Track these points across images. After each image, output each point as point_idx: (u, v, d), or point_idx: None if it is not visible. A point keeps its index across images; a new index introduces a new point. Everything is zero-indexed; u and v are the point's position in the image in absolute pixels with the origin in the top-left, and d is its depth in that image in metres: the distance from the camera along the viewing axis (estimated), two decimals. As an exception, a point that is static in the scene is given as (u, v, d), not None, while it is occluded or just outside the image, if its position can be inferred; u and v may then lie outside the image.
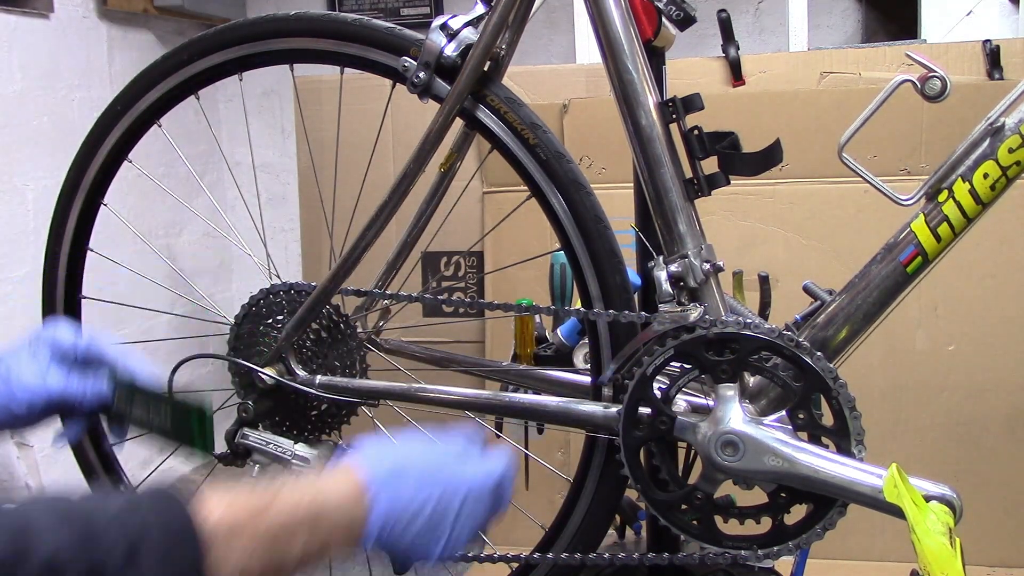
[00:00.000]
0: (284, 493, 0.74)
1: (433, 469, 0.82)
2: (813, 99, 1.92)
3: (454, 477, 0.82)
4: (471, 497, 0.83)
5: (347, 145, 1.56)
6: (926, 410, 1.91)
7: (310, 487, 0.76)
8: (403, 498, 0.79)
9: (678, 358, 1.03)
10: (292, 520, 0.73)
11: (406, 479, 0.80)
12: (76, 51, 2.40)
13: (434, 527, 0.80)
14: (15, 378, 0.93)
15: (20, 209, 2.20)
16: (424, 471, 0.81)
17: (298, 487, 0.75)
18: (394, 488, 0.79)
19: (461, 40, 1.10)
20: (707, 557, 1.04)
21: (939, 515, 0.91)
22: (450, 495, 0.81)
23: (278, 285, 1.21)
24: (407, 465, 0.81)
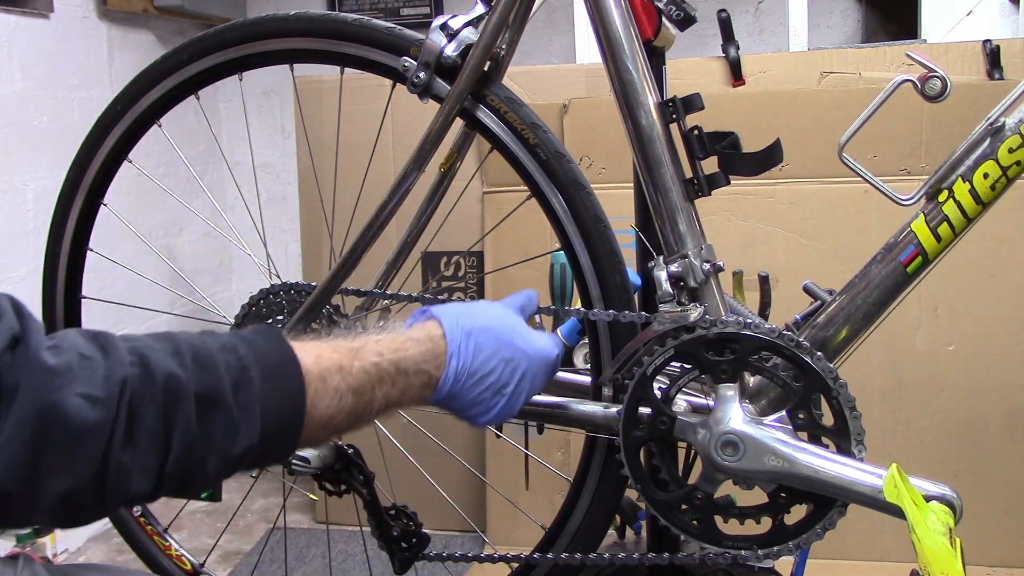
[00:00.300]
0: (370, 347, 0.81)
1: (504, 338, 0.89)
2: (813, 99, 1.92)
3: (519, 350, 0.89)
4: (531, 370, 0.90)
5: (347, 145, 1.56)
6: (926, 410, 1.91)
7: (393, 342, 0.83)
8: (475, 360, 0.86)
9: (678, 358, 1.03)
10: (375, 373, 0.79)
11: (480, 343, 0.87)
12: (76, 51, 2.40)
13: (496, 391, 0.88)
14: None
15: (20, 209, 2.20)
16: (496, 338, 0.88)
17: (382, 342, 0.82)
18: (468, 349, 0.86)
19: (461, 40, 1.10)
20: (707, 557, 1.04)
21: (939, 515, 0.91)
22: (515, 364, 0.89)
23: (278, 285, 1.21)
24: (482, 330, 0.88)
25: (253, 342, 0.73)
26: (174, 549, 1.37)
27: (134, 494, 0.65)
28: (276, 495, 2.53)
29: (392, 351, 0.82)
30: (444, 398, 0.86)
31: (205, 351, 0.69)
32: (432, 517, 0.92)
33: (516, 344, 0.89)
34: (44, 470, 0.60)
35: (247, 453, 0.70)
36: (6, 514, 0.61)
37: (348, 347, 0.80)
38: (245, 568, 2.14)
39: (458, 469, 2.02)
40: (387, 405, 0.82)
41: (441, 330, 0.86)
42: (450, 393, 0.85)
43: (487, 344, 0.87)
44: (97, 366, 0.63)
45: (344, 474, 1.16)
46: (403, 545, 1.13)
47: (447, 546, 2.19)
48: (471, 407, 0.88)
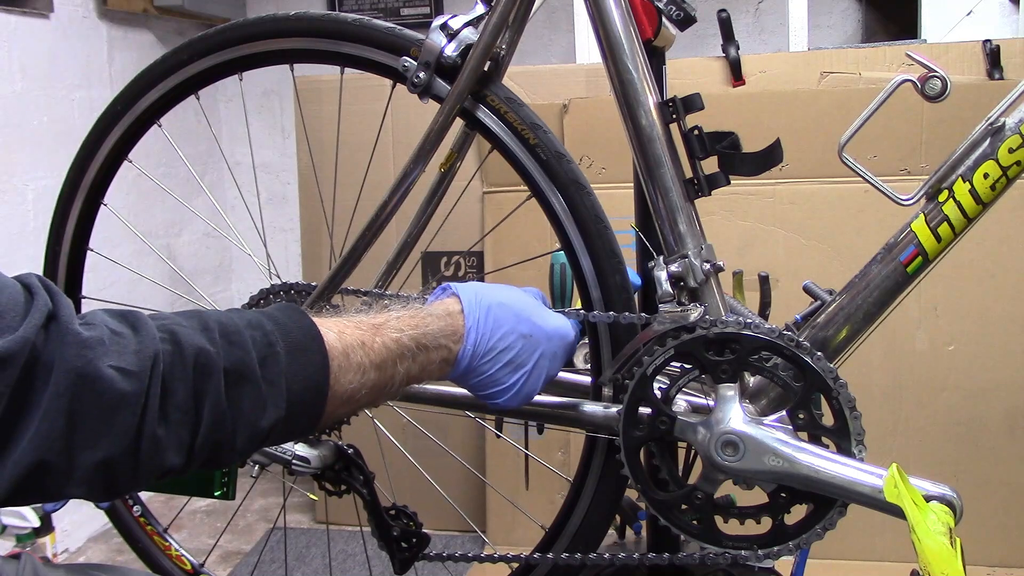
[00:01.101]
0: (390, 323, 0.82)
1: (523, 315, 0.90)
2: (813, 99, 1.92)
3: (538, 327, 0.90)
4: (549, 349, 0.91)
5: (347, 145, 1.57)
6: (926, 410, 1.91)
7: (413, 318, 0.84)
8: (493, 334, 0.87)
9: (678, 358, 1.03)
10: (396, 349, 0.80)
11: (499, 319, 0.87)
12: (76, 51, 2.40)
13: (515, 368, 0.88)
14: None
15: (20, 209, 2.20)
16: (515, 315, 0.89)
17: (402, 319, 0.83)
18: (486, 324, 0.87)
19: (461, 40, 1.10)
20: (707, 557, 1.04)
21: (939, 515, 0.91)
22: (534, 343, 0.90)
23: (278, 285, 1.21)
24: (500, 305, 0.88)
25: (278, 319, 0.74)
26: (174, 549, 1.37)
27: (168, 467, 0.66)
28: (276, 495, 2.53)
29: (412, 327, 0.82)
30: (463, 373, 0.87)
31: (233, 327, 0.70)
32: (432, 517, 0.92)
33: (535, 321, 0.90)
34: (80, 440, 0.61)
35: (274, 427, 0.71)
36: (42, 485, 0.61)
37: (370, 323, 0.81)
38: (245, 568, 2.14)
39: (458, 469, 2.03)
40: (408, 380, 0.83)
41: (460, 305, 0.87)
42: (469, 368, 0.86)
43: (506, 319, 0.88)
44: (128, 341, 0.64)
45: (344, 474, 1.16)
46: (403, 545, 1.13)
47: (447, 546, 2.19)
48: (490, 385, 0.88)
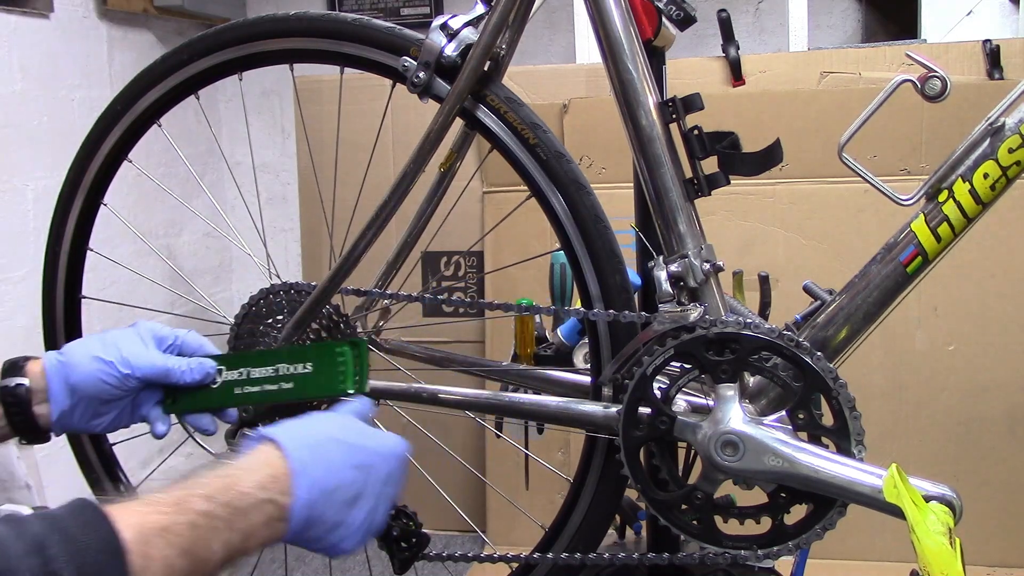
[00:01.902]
0: (196, 493, 0.70)
1: (354, 443, 0.80)
2: (813, 99, 1.92)
3: (372, 451, 0.81)
4: (388, 471, 0.82)
5: (347, 145, 1.56)
6: (926, 410, 1.91)
7: (223, 479, 0.72)
8: (328, 473, 0.76)
9: (678, 358, 1.03)
10: (206, 524, 0.69)
11: (330, 455, 0.77)
12: (76, 51, 2.40)
13: (359, 505, 0.78)
14: (125, 349, 0.95)
15: (20, 209, 2.20)
16: (345, 445, 0.79)
17: (210, 482, 0.71)
18: (317, 463, 0.76)
19: (461, 40, 1.10)
20: (707, 557, 1.04)
21: (939, 515, 0.91)
22: (372, 469, 0.80)
23: (278, 285, 1.21)
24: (327, 440, 0.78)
25: (69, 533, 0.62)
26: (174, 549, 1.37)
27: None
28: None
29: (222, 489, 0.70)
30: (302, 526, 0.74)
31: (5, 562, 0.59)
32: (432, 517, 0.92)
33: (367, 446, 0.81)
34: None
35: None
36: None
37: (172, 500, 0.68)
38: (245, 568, 2.14)
39: (458, 469, 2.02)
40: (230, 555, 0.70)
41: (279, 450, 0.75)
42: (308, 519, 0.74)
43: (336, 455, 0.78)
44: None
45: (344, 474, 1.16)
46: (403, 545, 1.13)
47: (447, 546, 2.19)
48: (334, 529, 0.77)
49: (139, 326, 1.00)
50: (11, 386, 0.93)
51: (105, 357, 0.94)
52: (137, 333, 0.99)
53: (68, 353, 0.95)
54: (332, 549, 0.78)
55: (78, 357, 0.94)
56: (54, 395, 0.94)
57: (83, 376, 0.93)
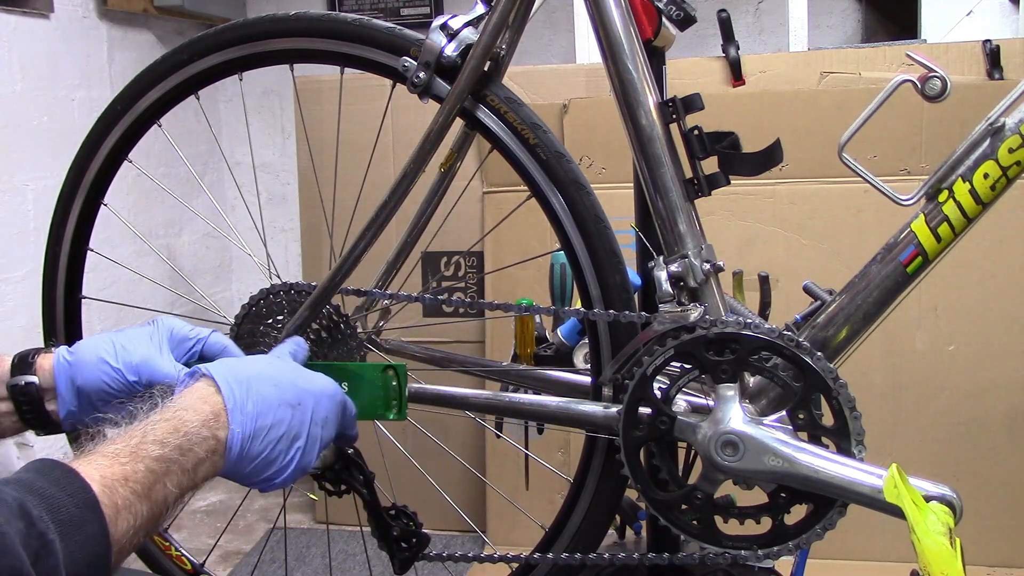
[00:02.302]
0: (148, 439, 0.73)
1: (284, 381, 0.83)
2: (813, 99, 1.92)
3: (303, 390, 0.84)
4: (320, 411, 0.85)
5: (347, 145, 1.56)
6: (926, 410, 1.91)
7: (169, 421, 0.75)
8: (260, 410, 0.80)
9: (678, 358, 1.03)
10: (161, 468, 0.73)
11: (262, 393, 0.81)
12: (76, 51, 2.40)
13: (291, 443, 0.82)
14: (135, 354, 0.92)
15: (20, 209, 2.20)
16: (277, 385, 0.82)
17: (158, 427, 0.75)
18: (249, 400, 0.80)
19: (461, 40, 1.10)
20: (707, 557, 1.04)
21: (939, 515, 0.91)
22: (303, 408, 0.83)
23: (278, 285, 1.21)
24: (259, 377, 0.82)
25: (46, 494, 0.65)
26: (174, 549, 1.37)
27: None
28: (276, 495, 2.53)
29: (171, 432, 0.74)
30: (235, 461, 0.78)
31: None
32: (432, 517, 0.92)
33: (299, 385, 0.84)
34: None
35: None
36: None
37: (127, 449, 0.72)
38: (245, 568, 2.14)
39: (458, 469, 2.02)
40: (181, 493, 0.75)
41: (214, 386, 0.79)
42: (241, 454, 0.78)
43: (268, 392, 0.81)
44: None
45: (344, 474, 1.16)
46: (403, 545, 1.13)
47: (447, 546, 2.19)
48: (266, 467, 0.81)
49: (158, 326, 0.97)
50: (21, 384, 0.91)
51: (113, 363, 0.92)
52: (152, 336, 0.96)
53: (78, 352, 0.93)
54: (264, 484, 0.82)
55: (87, 357, 0.92)
56: (61, 395, 0.92)
57: (89, 379, 0.91)
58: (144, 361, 0.92)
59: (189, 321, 1.03)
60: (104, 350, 0.92)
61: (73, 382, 0.92)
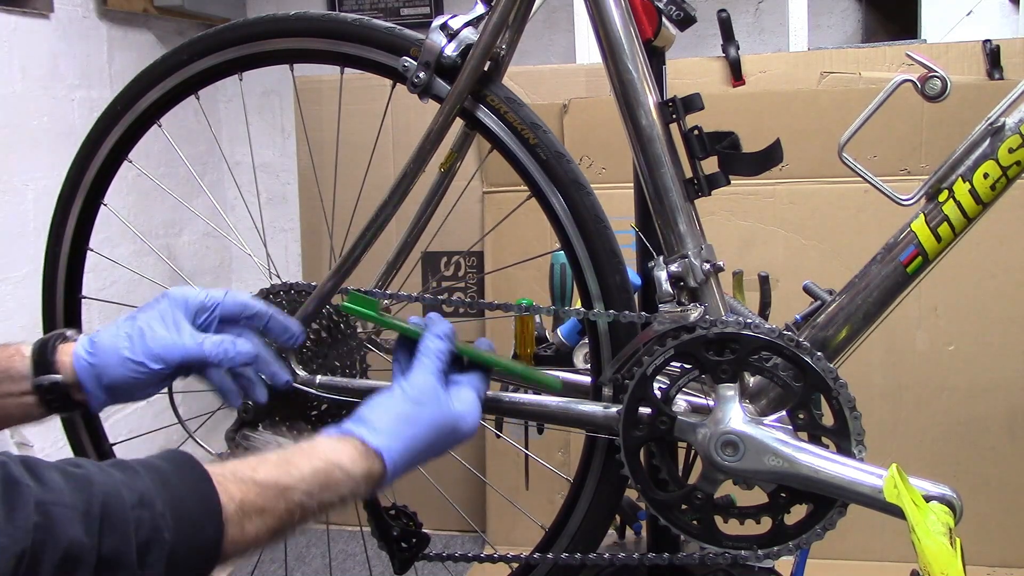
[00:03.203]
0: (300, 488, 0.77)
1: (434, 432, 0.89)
2: (813, 99, 1.92)
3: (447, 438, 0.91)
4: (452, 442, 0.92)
5: (347, 145, 1.56)
6: (926, 410, 1.91)
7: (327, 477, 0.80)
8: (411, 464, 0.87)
9: (678, 358, 1.03)
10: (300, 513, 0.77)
11: (414, 451, 0.87)
12: (76, 51, 2.40)
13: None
14: (152, 339, 0.91)
15: (20, 209, 2.20)
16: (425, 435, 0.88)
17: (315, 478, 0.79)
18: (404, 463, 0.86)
19: (461, 40, 1.10)
20: (707, 557, 1.04)
21: (939, 515, 0.91)
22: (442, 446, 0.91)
23: (278, 285, 1.21)
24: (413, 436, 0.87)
25: (175, 491, 0.70)
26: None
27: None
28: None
29: (322, 488, 0.79)
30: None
31: (118, 509, 0.66)
32: (432, 517, 0.92)
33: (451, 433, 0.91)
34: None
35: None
36: None
37: (277, 489, 0.77)
38: (245, 568, 2.14)
39: (458, 469, 2.02)
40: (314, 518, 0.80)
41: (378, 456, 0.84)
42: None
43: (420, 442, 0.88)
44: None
45: (344, 474, 1.16)
46: (403, 545, 1.13)
47: (447, 546, 2.19)
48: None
49: (170, 301, 0.94)
50: (46, 384, 0.90)
51: (134, 357, 0.90)
52: (165, 315, 0.93)
53: (98, 352, 0.91)
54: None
55: (107, 358, 0.90)
56: (91, 394, 0.91)
57: (114, 378, 0.90)
58: (164, 347, 0.91)
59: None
60: (122, 346, 0.91)
61: (99, 381, 0.90)
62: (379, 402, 0.89)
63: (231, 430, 1.17)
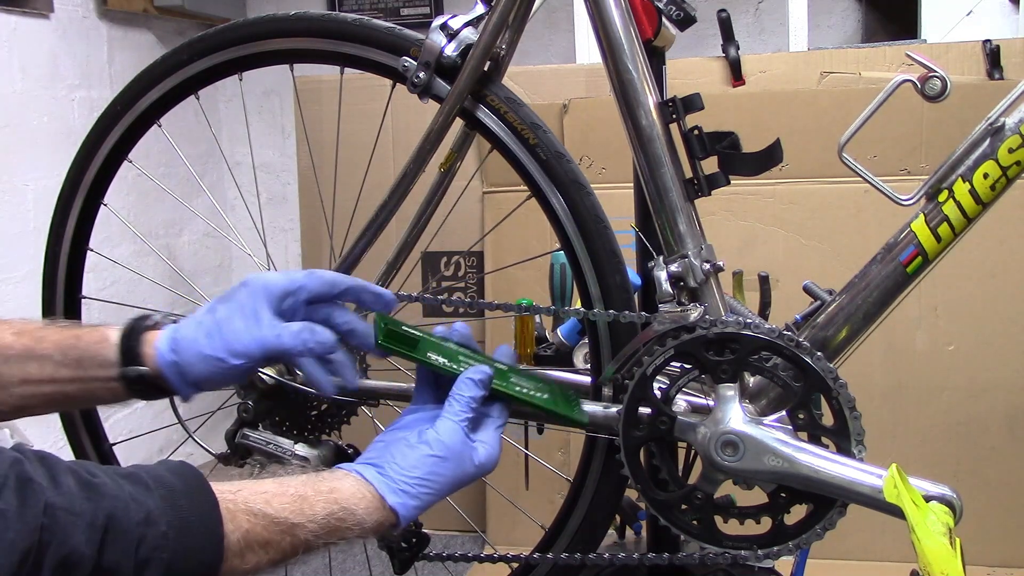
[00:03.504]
0: (309, 527, 0.78)
1: (449, 481, 0.87)
2: (813, 99, 1.92)
3: (460, 482, 0.88)
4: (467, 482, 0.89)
5: (347, 145, 1.56)
6: (926, 410, 1.91)
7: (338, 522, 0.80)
8: (426, 506, 0.86)
9: (678, 358, 1.03)
10: (304, 550, 0.78)
11: (427, 497, 0.86)
12: (76, 51, 2.40)
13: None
14: (232, 335, 0.87)
15: (20, 209, 2.20)
16: (441, 484, 0.86)
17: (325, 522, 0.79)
18: (417, 510, 0.85)
19: (461, 40, 1.10)
20: (707, 557, 1.04)
21: (939, 515, 0.91)
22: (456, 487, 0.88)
23: (278, 285, 1.21)
24: (428, 485, 0.85)
25: (183, 511, 0.71)
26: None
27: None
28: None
29: (331, 532, 0.79)
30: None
31: (123, 524, 0.67)
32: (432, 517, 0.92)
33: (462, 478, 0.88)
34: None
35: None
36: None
37: (285, 526, 0.76)
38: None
39: (458, 469, 2.02)
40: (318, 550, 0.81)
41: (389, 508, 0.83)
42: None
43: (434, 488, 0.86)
44: (6, 528, 0.61)
45: (344, 474, 1.16)
46: (403, 545, 1.13)
47: (447, 546, 2.19)
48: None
49: (247, 289, 0.89)
50: (133, 376, 0.88)
51: (213, 353, 0.87)
52: (244, 304, 0.88)
53: (179, 348, 0.88)
54: None
55: (190, 358, 0.87)
56: (178, 387, 0.89)
57: (199, 376, 0.88)
58: (242, 341, 0.87)
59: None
60: (203, 344, 0.87)
61: (184, 377, 0.88)
62: (403, 452, 0.86)
63: (231, 430, 1.17)
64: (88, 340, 0.89)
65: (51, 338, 0.88)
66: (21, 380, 0.86)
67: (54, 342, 0.88)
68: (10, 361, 0.86)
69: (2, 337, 0.87)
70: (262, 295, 0.88)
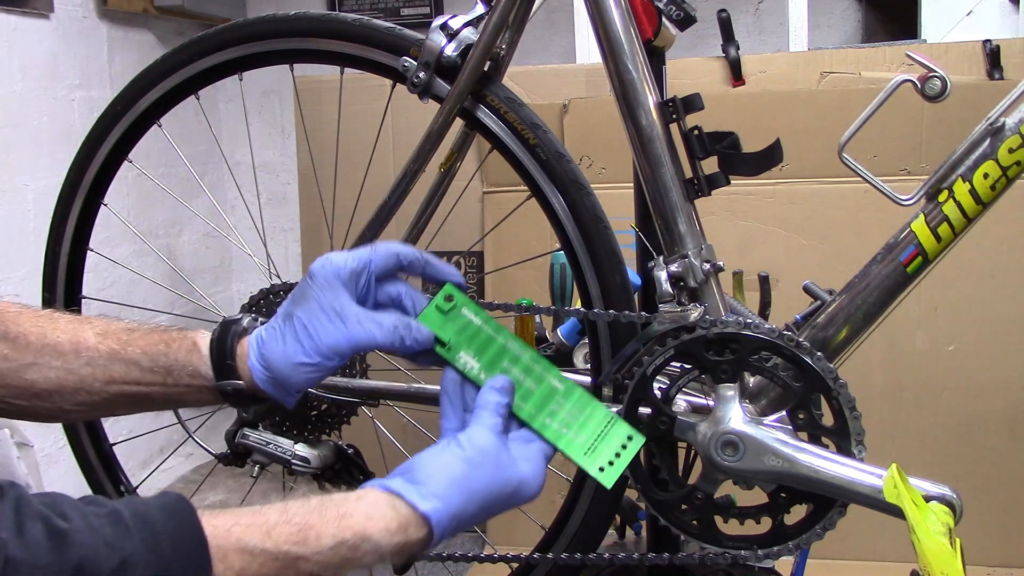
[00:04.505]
0: (317, 559, 0.71)
1: (492, 496, 0.82)
2: (813, 99, 1.92)
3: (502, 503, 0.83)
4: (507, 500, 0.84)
5: (347, 145, 1.56)
6: (926, 410, 1.91)
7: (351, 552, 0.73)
8: (458, 526, 0.79)
9: (678, 358, 1.03)
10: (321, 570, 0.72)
11: (464, 516, 0.79)
12: (76, 51, 2.40)
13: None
14: (322, 337, 0.83)
15: (20, 209, 2.20)
16: (482, 500, 0.81)
17: (333, 554, 0.72)
18: (452, 528, 0.78)
19: (461, 40, 1.10)
20: (707, 557, 1.04)
21: (939, 515, 0.91)
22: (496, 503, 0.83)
23: (278, 285, 1.21)
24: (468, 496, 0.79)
25: (164, 555, 0.65)
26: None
27: None
28: (276, 495, 2.53)
29: (341, 564, 0.73)
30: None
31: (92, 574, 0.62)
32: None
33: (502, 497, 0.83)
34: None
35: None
36: None
37: (284, 562, 0.70)
38: (245, 568, 2.14)
39: (458, 469, 2.02)
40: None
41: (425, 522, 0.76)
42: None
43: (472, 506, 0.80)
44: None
45: (344, 474, 1.16)
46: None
47: (447, 546, 2.18)
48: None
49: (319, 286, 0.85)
50: (229, 390, 0.86)
51: (308, 360, 0.83)
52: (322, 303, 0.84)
53: (270, 364, 0.85)
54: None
55: (281, 369, 0.84)
56: (281, 399, 0.87)
57: (295, 383, 0.85)
58: (333, 343, 0.83)
59: (189, 322, 1.02)
60: (293, 350, 0.84)
61: (283, 389, 0.86)
62: (433, 458, 0.80)
63: (231, 430, 1.17)
64: (177, 349, 0.87)
65: (138, 343, 0.86)
66: (107, 381, 0.85)
67: (141, 347, 0.86)
68: (94, 363, 0.85)
69: (85, 338, 0.85)
70: (337, 286, 0.84)
